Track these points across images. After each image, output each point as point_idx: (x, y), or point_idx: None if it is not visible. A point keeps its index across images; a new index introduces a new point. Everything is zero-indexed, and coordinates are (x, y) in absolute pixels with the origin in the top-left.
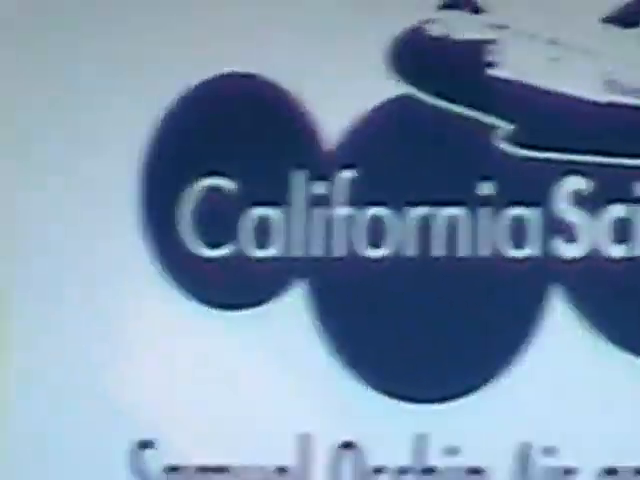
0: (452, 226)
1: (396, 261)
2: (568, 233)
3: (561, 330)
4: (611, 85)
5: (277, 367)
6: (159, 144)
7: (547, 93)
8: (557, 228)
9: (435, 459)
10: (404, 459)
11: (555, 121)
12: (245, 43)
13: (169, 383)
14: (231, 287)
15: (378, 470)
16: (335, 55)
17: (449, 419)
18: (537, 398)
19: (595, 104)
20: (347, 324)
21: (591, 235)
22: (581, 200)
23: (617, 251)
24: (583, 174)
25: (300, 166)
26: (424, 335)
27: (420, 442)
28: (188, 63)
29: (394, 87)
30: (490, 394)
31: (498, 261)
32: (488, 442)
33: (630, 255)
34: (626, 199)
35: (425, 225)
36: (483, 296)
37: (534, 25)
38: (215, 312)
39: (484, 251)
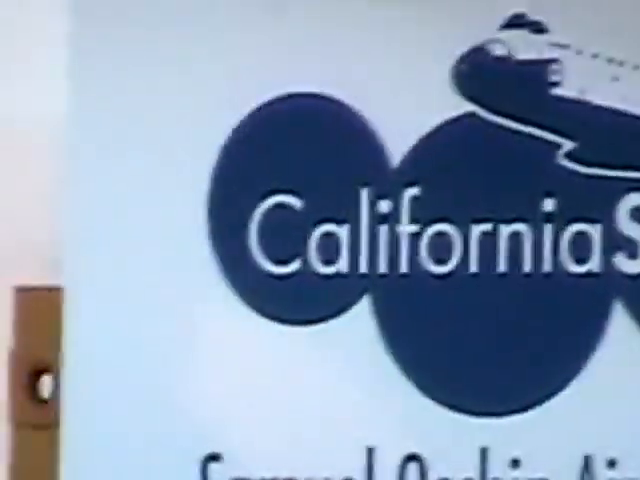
0: (515, 242)
1: (460, 277)
2: (630, 249)
3: (623, 344)
4: None
5: (343, 381)
6: (227, 163)
7: (609, 111)
8: (619, 244)
9: (498, 472)
10: (468, 472)
11: (617, 139)
12: (310, 62)
13: (237, 398)
14: (298, 303)
15: None
16: (400, 73)
17: (512, 433)
18: (599, 412)
19: None
20: (411, 339)
21: None
22: None
23: None
24: None
25: (365, 184)
26: (487, 350)
27: (483, 455)
28: (254, 82)
29: (458, 106)
30: (553, 408)
31: (561, 276)
32: (551, 455)
33: None
34: None
35: (489, 241)
36: (546, 311)
37: (596, 44)
38: (283, 328)
39: (547, 267)
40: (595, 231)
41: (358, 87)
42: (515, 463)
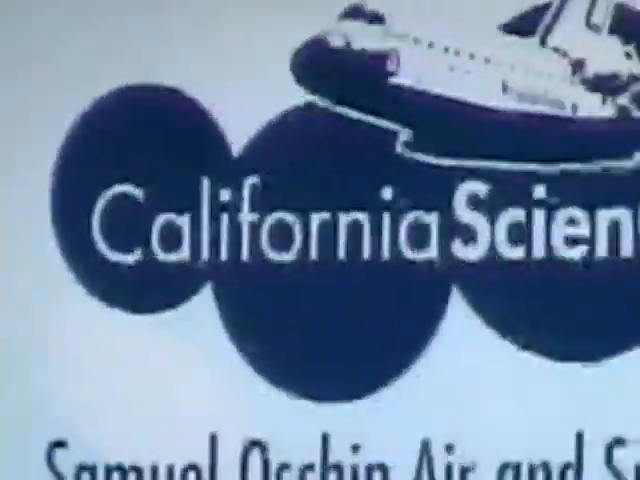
0: (355, 230)
1: (300, 265)
2: (466, 236)
3: (461, 330)
4: (508, 91)
5: (187, 368)
6: (69, 155)
7: (446, 100)
8: (456, 231)
9: (339, 457)
10: (309, 457)
11: (454, 127)
12: (150, 54)
13: (82, 385)
14: (141, 292)
15: (284, 467)
16: (241, 65)
17: (353, 417)
18: (437, 397)
19: (492, 110)
20: (253, 326)
21: (489, 238)
22: (479, 204)
23: (515, 253)
24: (481, 178)
25: (206, 173)
26: (328, 337)
27: (325, 440)
28: (97, 74)
29: (297, 96)
30: (392, 393)
31: (400, 264)
32: (390, 440)
33: (527, 257)
34: (523, 203)
35: (328, 230)
36: (385, 298)
37: (433, 34)
38: (126, 316)
39: (386, 254)
40: (433, 219)
41: (198, 78)
42: (355, 448)
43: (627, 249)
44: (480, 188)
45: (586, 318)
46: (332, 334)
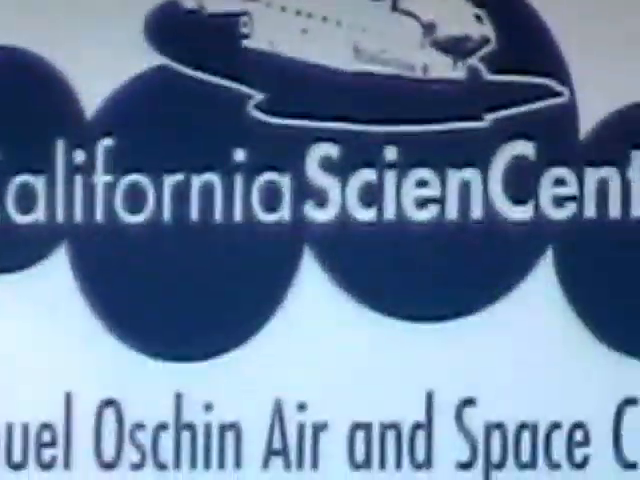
0: (207, 192)
1: (154, 226)
2: (318, 198)
3: (313, 291)
4: (359, 54)
5: (42, 327)
6: None
7: (298, 62)
8: (308, 193)
9: (192, 416)
10: (163, 416)
11: (306, 89)
12: (4, 15)
13: None
14: None
15: (138, 426)
16: (95, 27)
17: (205, 377)
18: (290, 357)
19: (343, 72)
20: (108, 286)
21: (341, 199)
22: (331, 165)
23: (366, 215)
24: (333, 140)
25: (61, 135)
26: (181, 297)
27: (178, 399)
28: None
29: (150, 58)
30: (245, 353)
31: (252, 225)
32: (243, 399)
33: (378, 218)
34: (374, 164)
35: (182, 191)
36: (238, 260)
37: None
38: None
39: (238, 216)
40: (285, 180)
41: (52, 41)
42: (208, 407)
43: (477, 211)
44: (331, 150)
45: (436, 280)
46: (185, 295)
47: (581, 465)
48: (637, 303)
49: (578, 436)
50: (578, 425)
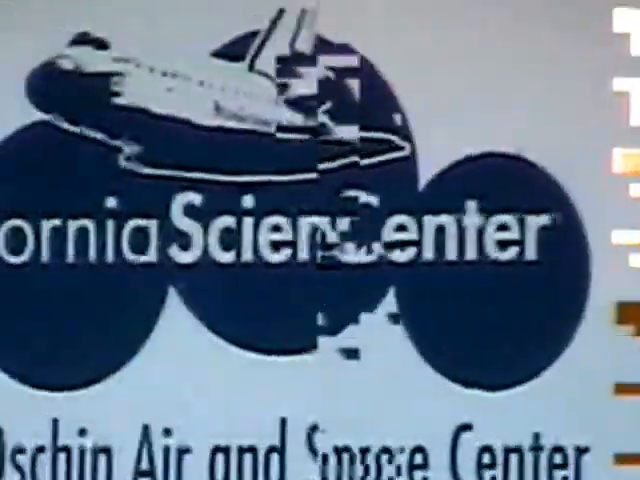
0: (82, 236)
1: (35, 267)
2: (182, 241)
3: (177, 327)
4: (219, 111)
5: None
6: None
7: (165, 118)
8: (173, 236)
9: (68, 440)
10: (41, 439)
11: (172, 142)
12: None
13: None
14: None
15: (19, 450)
16: None
17: (80, 404)
18: (156, 386)
19: (206, 127)
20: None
21: (203, 242)
22: (194, 212)
23: (225, 257)
24: (196, 189)
25: None
26: (59, 332)
27: (55, 425)
28: None
29: (32, 114)
30: (116, 383)
31: (123, 266)
32: (115, 425)
33: (236, 260)
34: (233, 211)
35: (58, 235)
36: (109, 297)
37: (153, 59)
38: None
39: (110, 258)
40: (152, 225)
41: None
42: (82, 432)
43: (323, 254)
44: (195, 197)
45: (286, 313)
46: (63, 329)
47: None
48: (466, 337)
49: (418, 459)
50: (418, 449)
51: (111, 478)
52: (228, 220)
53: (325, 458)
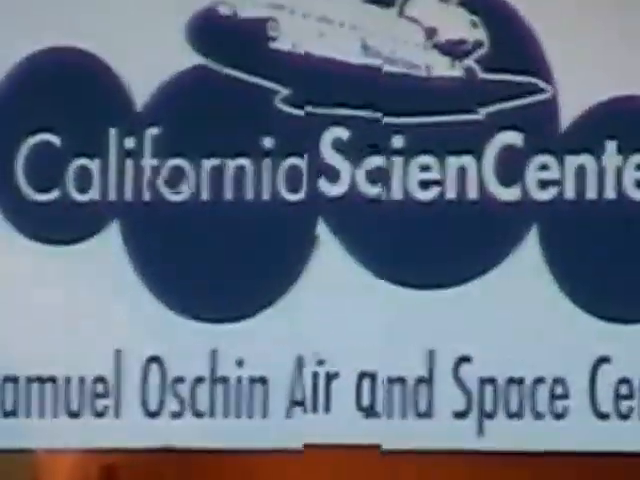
0: (239, 174)
1: (193, 204)
2: (331, 175)
3: (329, 261)
4: (371, 54)
5: (96, 293)
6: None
7: (317, 60)
8: (322, 171)
9: (226, 371)
10: (200, 371)
11: (323, 83)
12: (61, 18)
13: (8, 305)
14: (57, 226)
15: (179, 380)
16: (142, 29)
17: (237, 337)
18: (310, 318)
19: (357, 67)
20: (154, 257)
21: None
22: (343, 148)
23: (373, 191)
24: (346, 126)
25: (114, 124)
26: (218, 267)
27: (213, 356)
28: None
29: (191, 58)
30: (271, 316)
31: (277, 204)
32: (269, 356)
33: (384, 196)
34: (382, 150)
35: (217, 174)
36: (265, 232)
37: (306, 5)
38: (44, 247)
39: (266, 195)
40: (303, 162)
41: (105, 41)
42: (240, 363)
43: (472, 191)
44: (343, 134)
45: (436, 251)
46: (221, 265)
47: (561, 415)
48: (605, 273)
49: (559, 390)
50: (558, 380)
51: (266, 408)
52: (376, 158)
53: (471, 389)
